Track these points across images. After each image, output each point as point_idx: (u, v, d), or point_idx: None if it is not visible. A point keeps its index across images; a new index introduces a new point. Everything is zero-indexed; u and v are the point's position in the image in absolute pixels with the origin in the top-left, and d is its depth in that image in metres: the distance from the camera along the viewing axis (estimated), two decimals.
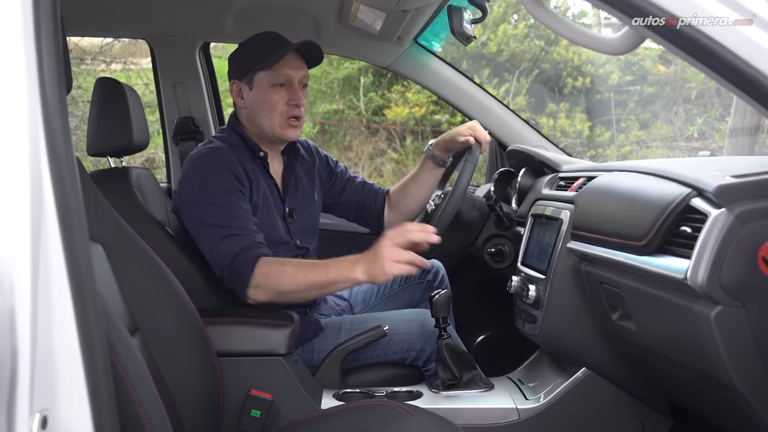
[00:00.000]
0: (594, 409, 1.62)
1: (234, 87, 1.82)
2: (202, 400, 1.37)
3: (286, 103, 1.77)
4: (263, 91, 1.77)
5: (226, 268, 1.64)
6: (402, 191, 2.05)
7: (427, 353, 1.78)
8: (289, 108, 1.78)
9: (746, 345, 1.00)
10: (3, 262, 0.71)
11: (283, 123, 1.78)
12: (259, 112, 1.79)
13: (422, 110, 6.30)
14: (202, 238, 1.69)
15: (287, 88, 1.77)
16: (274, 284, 1.61)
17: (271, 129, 1.79)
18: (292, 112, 1.78)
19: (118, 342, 0.99)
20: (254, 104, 1.79)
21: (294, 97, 1.77)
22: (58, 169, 0.76)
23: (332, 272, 1.59)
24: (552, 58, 6.29)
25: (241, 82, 1.81)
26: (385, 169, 6.52)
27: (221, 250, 1.65)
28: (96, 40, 5.79)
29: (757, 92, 0.90)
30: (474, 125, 1.89)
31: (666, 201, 1.10)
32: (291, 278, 1.60)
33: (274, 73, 1.76)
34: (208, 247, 1.68)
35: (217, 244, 1.66)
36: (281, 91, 1.77)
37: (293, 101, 1.77)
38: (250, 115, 1.81)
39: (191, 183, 1.73)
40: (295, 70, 1.78)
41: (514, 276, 1.70)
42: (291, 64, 1.77)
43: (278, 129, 1.79)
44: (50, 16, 0.78)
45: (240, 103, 1.83)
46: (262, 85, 1.77)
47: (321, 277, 1.59)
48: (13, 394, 0.70)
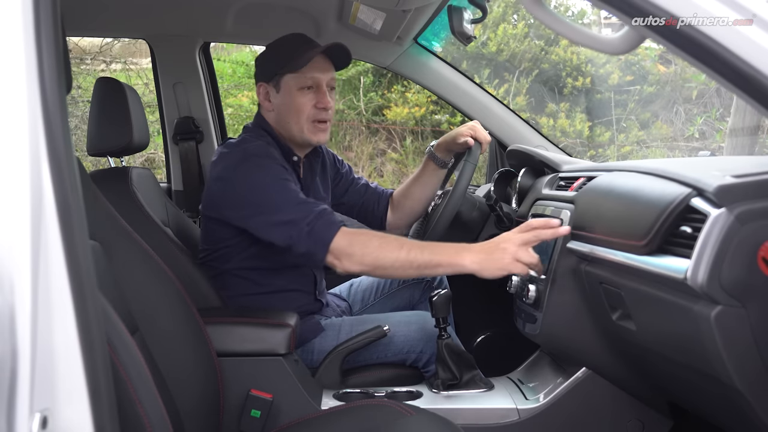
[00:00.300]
0: (594, 409, 1.62)
1: (261, 90, 1.80)
2: (202, 400, 1.38)
3: (313, 106, 1.75)
4: (291, 94, 1.75)
5: (306, 227, 1.58)
6: (405, 193, 2.05)
7: (426, 355, 1.78)
8: (316, 111, 1.76)
9: (746, 345, 1.00)
10: (3, 262, 0.71)
11: (311, 127, 1.77)
12: (286, 115, 1.77)
13: (422, 110, 6.30)
14: (266, 216, 1.62)
15: (315, 91, 1.75)
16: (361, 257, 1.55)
17: (299, 133, 1.77)
18: (319, 116, 1.76)
19: (118, 342, 0.99)
20: (282, 107, 1.78)
21: (322, 100, 1.76)
22: (58, 169, 0.76)
23: (438, 254, 1.53)
24: (552, 58, 6.29)
25: (268, 85, 1.79)
26: (385, 169, 6.52)
27: (297, 215, 1.59)
28: (96, 40, 5.79)
29: (757, 92, 0.90)
30: (474, 125, 1.89)
31: (666, 201, 1.10)
32: (387, 253, 1.54)
33: (301, 75, 1.74)
34: (274, 220, 1.61)
35: (290, 213, 1.60)
36: (309, 94, 1.75)
37: (321, 104, 1.76)
38: (278, 119, 1.80)
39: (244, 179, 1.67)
40: (323, 73, 1.76)
41: (514, 276, 1.70)
42: (319, 67, 1.75)
43: (306, 133, 1.77)
44: (50, 16, 0.78)
45: (267, 106, 1.80)
46: (290, 88, 1.75)
47: (425, 257, 1.53)
48: (13, 394, 0.70)
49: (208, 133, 2.61)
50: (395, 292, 2.09)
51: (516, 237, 1.47)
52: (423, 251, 1.53)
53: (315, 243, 1.57)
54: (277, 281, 1.80)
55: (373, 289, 2.10)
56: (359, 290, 2.12)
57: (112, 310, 1.01)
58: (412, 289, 2.09)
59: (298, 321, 1.65)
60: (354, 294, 2.12)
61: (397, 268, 1.54)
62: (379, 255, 1.55)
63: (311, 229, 1.58)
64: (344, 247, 1.56)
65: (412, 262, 1.53)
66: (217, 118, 2.67)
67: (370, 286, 2.11)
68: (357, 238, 1.58)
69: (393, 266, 1.54)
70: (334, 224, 1.59)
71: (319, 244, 1.57)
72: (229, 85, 6.37)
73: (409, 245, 1.55)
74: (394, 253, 1.54)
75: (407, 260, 1.53)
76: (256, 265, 1.78)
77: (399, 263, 1.53)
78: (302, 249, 1.59)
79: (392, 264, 1.54)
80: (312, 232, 1.57)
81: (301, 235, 1.58)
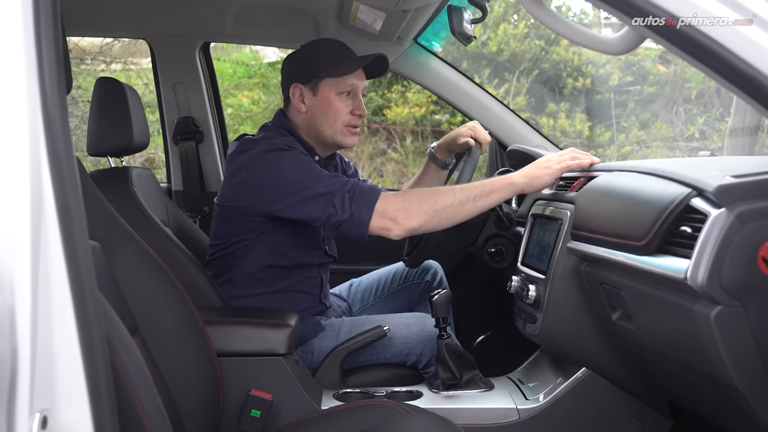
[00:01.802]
0: (594, 409, 1.62)
1: (296, 91, 1.81)
2: (202, 400, 1.37)
3: (350, 112, 1.79)
4: (329, 98, 1.78)
5: (347, 193, 1.60)
6: None
7: (426, 357, 1.78)
8: (352, 117, 1.80)
9: (746, 345, 1.00)
10: (3, 262, 0.71)
11: (344, 130, 1.80)
12: (320, 117, 1.79)
13: (422, 110, 6.30)
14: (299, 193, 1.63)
15: (352, 98, 1.80)
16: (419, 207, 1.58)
17: (331, 135, 1.80)
18: (354, 122, 1.81)
19: (118, 342, 0.99)
20: (317, 110, 1.80)
21: (359, 107, 1.80)
22: (58, 169, 0.76)
23: (487, 184, 1.62)
24: (552, 59, 6.29)
25: (304, 87, 1.80)
26: (385, 169, 6.52)
27: (334, 186, 1.61)
28: (96, 40, 5.79)
29: (757, 92, 0.90)
30: (474, 126, 1.90)
31: (666, 201, 1.10)
32: (442, 197, 1.59)
33: (342, 81, 1.78)
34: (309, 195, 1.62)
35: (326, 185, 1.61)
36: (347, 100, 1.79)
37: (358, 111, 1.80)
38: (310, 120, 1.81)
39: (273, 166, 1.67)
40: (360, 80, 1.81)
41: (514, 276, 1.70)
42: (358, 74, 1.80)
43: (339, 136, 1.80)
44: (50, 16, 0.78)
45: (300, 107, 1.81)
46: (328, 92, 1.78)
47: (478, 189, 1.61)
48: (13, 394, 0.70)
49: (208, 133, 2.61)
50: (395, 292, 2.10)
51: (556, 155, 1.65)
52: (474, 186, 1.62)
53: (359, 206, 1.59)
54: (285, 281, 1.80)
55: (372, 289, 2.10)
56: (359, 290, 2.12)
57: (112, 310, 1.01)
58: (412, 289, 2.09)
59: (298, 321, 1.65)
60: (354, 294, 2.12)
61: (456, 206, 1.59)
62: (437, 200, 1.59)
63: (353, 195, 1.60)
64: (399, 206, 1.59)
65: (468, 196, 1.60)
66: (217, 118, 2.67)
67: (369, 286, 2.11)
68: (408, 194, 1.62)
69: (453, 205, 1.59)
70: (374, 188, 1.63)
71: (364, 207, 1.59)
72: (229, 85, 6.37)
73: (455, 187, 1.63)
74: (449, 195, 1.60)
75: (464, 196, 1.60)
76: (269, 263, 1.77)
77: (458, 200, 1.59)
78: (345, 216, 1.60)
79: (452, 203, 1.59)
80: (354, 197, 1.60)
81: (344, 202, 1.60)
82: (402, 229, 1.60)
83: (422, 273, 2.09)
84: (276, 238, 1.74)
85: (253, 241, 1.75)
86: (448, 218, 1.61)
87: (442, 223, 1.61)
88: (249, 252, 1.76)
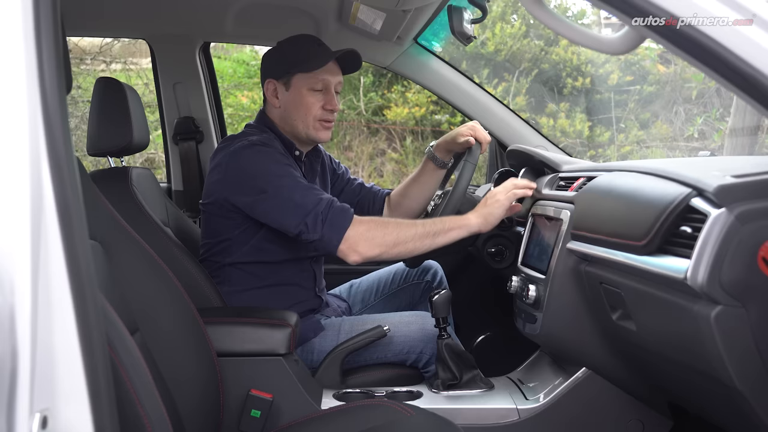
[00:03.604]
0: (594, 409, 1.62)
1: (269, 86, 1.84)
2: (202, 400, 1.37)
3: (321, 107, 1.81)
4: (300, 93, 1.80)
5: (321, 215, 1.62)
6: (404, 192, 2.07)
7: (426, 356, 1.78)
8: (324, 112, 1.81)
9: (746, 345, 1.00)
10: (3, 262, 0.71)
11: (316, 125, 1.82)
12: (294, 113, 1.82)
13: (422, 110, 6.30)
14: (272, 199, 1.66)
15: (324, 93, 1.81)
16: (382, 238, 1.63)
17: (304, 130, 1.82)
18: (326, 116, 1.82)
19: (118, 342, 0.99)
20: (290, 105, 1.82)
21: (330, 102, 1.81)
22: (58, 169, 0.76)
23: (447, 222, 1.68)
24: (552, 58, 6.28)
25: (278, 82, 1.83)
26: (385, 169, 6.52)
27: (308, 200, 1.64)
28: (96, 40, 5.79)
29: (757, 92, 0.90)
30: (474, 125, 1.90)
31: (666, 201, 1.10)
32: (404, 230, 1.64)
33: (313, 77, 1.79)
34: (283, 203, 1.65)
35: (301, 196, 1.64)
36: (318, 95, 1.81)
37: (329, 106, 1.81)
38: (284, 116, 1.84)
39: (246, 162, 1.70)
40: (333, 76, 1.82)
41: (514, 276, 1.70)
42: (330, 70, 1.81)
43: (311, 130, 1.82)
44: (50, 16, 0.77)
45: (274, 102, 1.84)
46: (300, 87, 1.80)
47: (437, 225, 1.67)
48: (13, 394, 0.70)
49: (208, 133, 2.61)
50: (395, 292, 2.10)
51: (501, 188, 1.74)
52: (434, 222, 1.68)
53: (331, 231, 1.62)
54: (278, 275, 1.81)
55: (373, 290, 2.10)
56: (359, 291, 2.12)
57: (112, 310, 1.01)
58: (413, 289, 2.09)
59: (298, 321, 1.65)
60: (354, 295, 2.12)
61: (416, 240, 1.65)
62: (399, 232, 1.64)
63: (326, 218, 1.62)
64: (363, 232, 1.63)
65: (428, 232, 1.65)
66: (217, 118, 2.67)
67: (370, 287, 2.11)
68: (373, 222, 1.66)
69: (413, 239, 1.65)
70: (348, 212, 1.65)
71: (335, 233, 1.62)
72: (229, 85, 6.36)
73: (421, 222, 1.69)
74: (411, 229, 1.65)
75: (424, 231, 1.65)
76: (257, 259, 1.79)
77: (418, 235, 1.65)
78: (316, 236, 1.63)
79: (413, 237, 1.65)
80: (327, 220, 1.62)
81: (316, 222, 1.62)
82: (361, 257, 1.64)
83: (422, 273, 2.09)
84: (259, 235, 1.76)
85: (237, 239, 1.78)
86: (406, 252, 1.67)
87: (400, 255, 1.68)
88: (236, 250, 1.79)
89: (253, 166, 1.69)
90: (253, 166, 1.69)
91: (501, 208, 1.70)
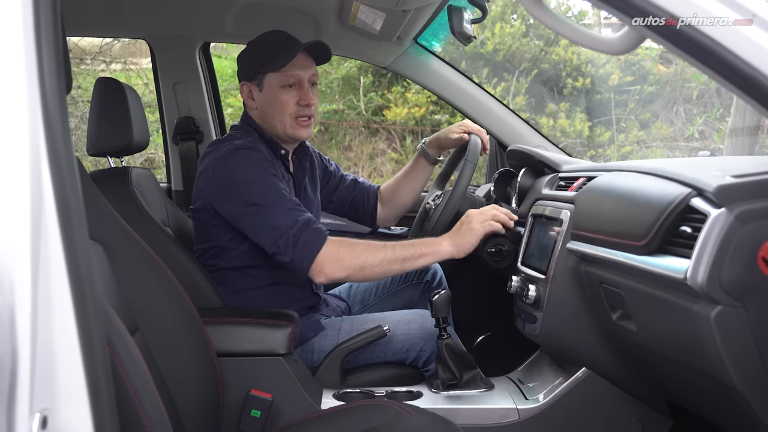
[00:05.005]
0: (594, 409, 1.62)
1: (244, 89, 1.83)
2: (202, 400, 1.37)
3: (296, 103, 1.78)
4: (273, 92, 1.78)
5: (292, 239, 1.61)
6: (394, 187, 2.12)
7: (426, 354, 1.78)
8: (299, 108, 1.79)
9: (746, 345, 1.00)
10: (3, 261, 0.71)
11: (294, 123, 1.80)
12: (270, 112, 1.80)
13: (422, 110, 6.30)
14: (253, 216, 1.65)
15: (297, 89, 1.78)
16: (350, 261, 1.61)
17: (282, 129, 1.80)
18: (302, 112, 1.79)
19: (118, 342, 0.99)
20: (265, 105, 1.80)
21: (304, 97, 1.78)
22: (58, 169, 0.76)
23: (419, 246, 1.64)
24: (552, 58, 6.29)
25: (251, 84, 1.82)
26: (385, 169, 6.52)
27: (284, 221, 1.62)
28: (96, 40, 5.79)
29: (757, 92, 0.90)
30: (465, 122, 1.96)
31: (666, 201, 1.10)
32: (373, 254, 1.62)
33: (283, 74, 1.77)
34: (261, 222, 1.64)
35: (278, 217, 1.63)
36: (291, 92, 1.78)
37: (303, 101, 1.79)
38: (262, 116, 1.82)
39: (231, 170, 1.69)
40: (304, 70, 1.79)
41: (514, 276, 1.70)
42: (300, 64, 1.78)
43: (289, 129, 1.80)
44: (50, 16, 0.78)
45: (251, 104, 1.83)
46: (272, 86, 1.78)
47: (408, 251, 1.63)
48: (13, 394, 0.70)
49: (208, 133, 2.61)
50: (395, 292, 2.10)
51: (478, 214, 1.69)
52: (405, 247, 1.64)
53: (302, 254, 1.61)
54: (273, 275, 1.81)
55: (373, 290, 2.11)
56: (359, 291, 2.12)
57: (112, 310, 1.01)
58: (412, 289, 2.09)
59: (298, 321, 1.65)
60: (354, 295, 2.12)
61: (384, 264, 1.63)
62: (368, 256, 1.62)
63: (297, 241, 1.61)
64: (332, 253, 1.61)
65: (398, 257, 1.63)
66: (217, 118, 2.67)
67: (369, 287, 2.11)
68: (343, 244, 1.63)
69: (381, 264, 1.62)
70: (321, 234, 1.63)
71: (305, 255, 1.61)
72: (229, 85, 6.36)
73: (391, 245, 1.64)
74: (380, 253, 1.62)
75: (393, 256, 1.63)
76: (250, 263, 1.79)
77: (387, 260, 1.62)
78: (287, 258, 1.63)
79: (380, 262, 1.62)
80: (298, 243, 1.61)
81: (287, 245, 1.61)
82: (327, 278, 1.63)
83: (422, 273, 2.09)
84: (248, 241, 1.73)
85: (226, 245, 1.77)
86: (373, 275, 1.66)
87: (366, 279, 1.70)
88: (227, 254, 1.78)
89: (239, 174, 1.67)
90: (239, 174, 1.67)
91: (474, 238, 1.67)
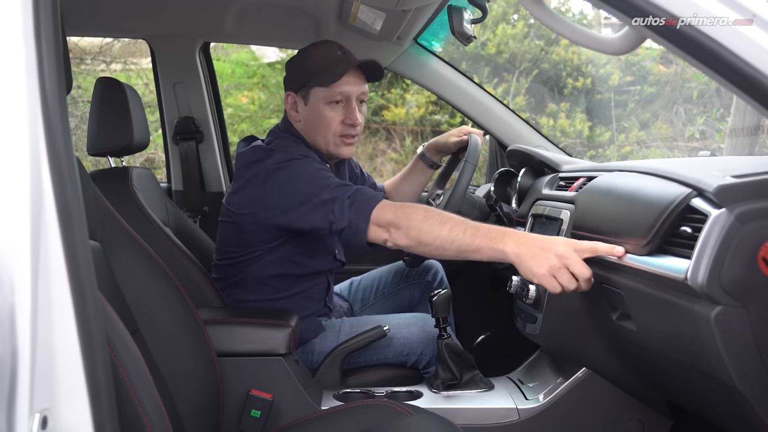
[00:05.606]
0: (594, 409, 1.62)
1: (289, 99, 1.76)
2: (202, 400, 1.37)
3: (341, 122, 1.71)
4: (318, 107, 1.71)
5: (347, 200, 1.51)
6: (394, 188, 2.15)
7: (426, 358, 1.78)
8: (344, 127, 1.72)
9: (746, 345, 1.00)
10: (3, 261, 0.71)
11: (338, 141, 1.73)
12: (313, 128, 1.73)
13: (421, 110, 6.31)
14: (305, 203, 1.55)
15: (344, 106, 1.71)
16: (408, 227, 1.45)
17: (325, 146, 1.74)
18: (347, 131, 1.72)
19: (118, 342, 0.99)
20: (309, 120, 1.73)
21: (350, 116, 1.71)
22: (58, 169, 0.76)
23: (479, 237, 1.39)
24: (552, 58, 6.29)
25: (297, 96, 1.74)
26: (384, 169, 6.53)
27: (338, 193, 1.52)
28: (96, 40, 5.79)
29: (757, 92, 0.90)
30: (463, 128, 1.97)
31: (666, 201, 1.10)
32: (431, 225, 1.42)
33: (331, 90, 1.69)
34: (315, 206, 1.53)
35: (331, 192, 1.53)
36: (338, 109, 1.71)
37: (349, 120, 1.71)
38: (305, 130, 1.75)
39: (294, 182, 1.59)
40: (354, 87, 1.71)
41: (514, 276, 1.69)
42: (349, 81, 1.70)
43: (332, 147, 1.73)
44: (50, 16, 0.78)
45: (294, 116, 1.76)
46: (318, 101, 1.70)
47: (466, 238, 1.39)
48: (13, 394, 0.70)
49: (208, 133, 2.61)
50: (396, 292, 2.10)
51: (574, 245, 1.28)
52: (465, 232, 1.40)
53: (357, 214, 1.50)
54: (295, 287, 1.78)
55: (373, 289, 2.11)
56: (359, 289, 2.12)
57: (112, 310, 1.01)
58: (412, 289, 2.10)
59: (298, 321, 1.65)
60: (354, 293, 2.12)
61: (437, 246, 1.43)
62: (423, 228, 1.44)
63: (352, 201, 1.51)
64: (391, 219, 1.48)
65: (453, 242, 1.41)
66: (217, 118, 2.67)
67: (370, 286, 2.11)
68: (401, 209, 1.48)
69: (434, 244, 1.43)
70: (375, 196, 1.53)
71: (361, 215, 1.50)
72: (229, 85, 6.37)
73: (452, 222, 1.43)
74: (436, 229, 1.42)
75: (448, 239, 1.41)
76: (282, 272, 1.74)
77: (440, 241, 1.42)
78: (344, 223, 1.51)
79: (433, 241, 1.43)
80: (354, 204, 1.51)
81: (343, 208, 1.51)
82: (393, 243, 1.50)
83: (423, 273, 2.09)
84: (291, 247, 1.70)
85: (267, 251, 1.72)
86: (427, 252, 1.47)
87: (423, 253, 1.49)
88: (261, 261, 1.73)
89: (294, 180, 1.58)
90: (294, 180, 1.58)
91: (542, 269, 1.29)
